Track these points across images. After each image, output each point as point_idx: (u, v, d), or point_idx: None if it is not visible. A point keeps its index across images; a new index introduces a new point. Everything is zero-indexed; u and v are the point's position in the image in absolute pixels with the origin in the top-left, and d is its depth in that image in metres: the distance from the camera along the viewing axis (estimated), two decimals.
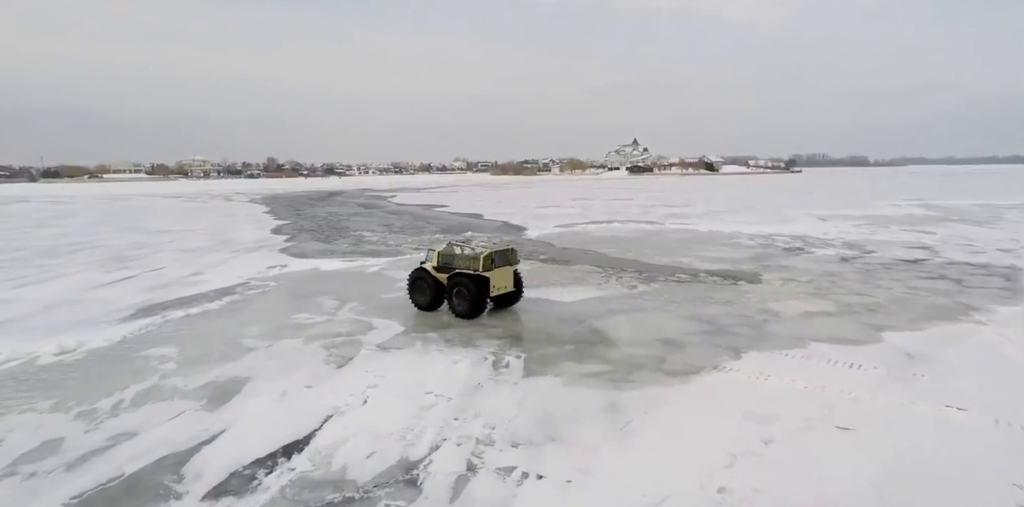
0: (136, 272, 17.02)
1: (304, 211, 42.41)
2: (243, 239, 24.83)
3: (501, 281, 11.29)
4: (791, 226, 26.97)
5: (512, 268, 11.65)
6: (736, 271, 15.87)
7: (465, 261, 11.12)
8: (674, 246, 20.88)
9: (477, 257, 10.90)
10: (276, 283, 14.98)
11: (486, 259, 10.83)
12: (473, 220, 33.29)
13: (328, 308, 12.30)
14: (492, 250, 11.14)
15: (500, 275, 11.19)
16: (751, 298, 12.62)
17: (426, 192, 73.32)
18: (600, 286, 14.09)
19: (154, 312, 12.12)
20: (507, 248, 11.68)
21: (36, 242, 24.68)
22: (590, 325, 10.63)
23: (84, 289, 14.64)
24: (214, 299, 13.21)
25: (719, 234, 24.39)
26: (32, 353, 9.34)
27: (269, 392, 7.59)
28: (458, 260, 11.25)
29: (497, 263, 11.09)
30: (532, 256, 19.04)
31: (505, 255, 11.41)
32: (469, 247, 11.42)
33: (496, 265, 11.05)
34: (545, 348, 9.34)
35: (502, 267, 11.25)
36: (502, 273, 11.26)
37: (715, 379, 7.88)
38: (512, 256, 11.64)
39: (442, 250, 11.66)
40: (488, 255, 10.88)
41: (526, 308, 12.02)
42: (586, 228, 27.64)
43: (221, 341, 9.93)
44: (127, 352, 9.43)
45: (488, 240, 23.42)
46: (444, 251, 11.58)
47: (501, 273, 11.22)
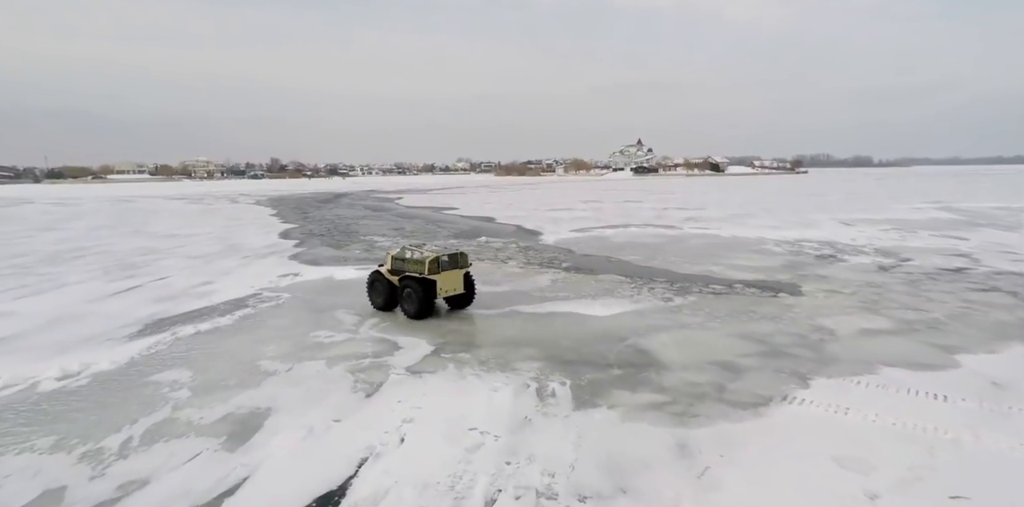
0: (142, 281, 16.29)
1: (311, 214, 41.71)
2: (252, 244, 24.10)
3: (449, 284, 11.74)
4: (816, 231, 26.13)
5: (461, 271, 12.04)
6: (772, 281, 15.06)
7: (413, 265, 11.64)
8: (700, 253, 20.06)
9: (423, 261, 11.41)
10: (290, 294, 14.23)
11: (431, 263, 11.36)
12: (485, 224, 32.51)
13: (348, 324, 11.53)
14: (438, 254, 11.61)
15: (447, 278, 11.66)
16: (798, 313, 11.81)
17: (432, 194, 72.62)
18: (633, 298, 13.30)
19: (163, 328, 11.38)
20: (456, 252, 12.05)
21: (39, 247, 24.00)
22: (633, 344, 9.84)
23: (88, 301, 13.91)
24: (226, 313, 12.46)
25: (744, 240, 23.56)
26: (33, 378, 8.59)
27: (294, 428, 6.82)
28: (407, 263, 11.77)
29: (444, 267, 11.56)
30: (554, 264, 18.26)
31: (453, 259, 11.83)
32: (419, 251, 11.91)
33: (443, 269, 11.53)
34: (590, 372, 8.55)
35: (450, 270, 11.70)
36: (449, 276, 11.70)
37: (788, 413, 7.08)
38: (462, 260, 12.05)
39: (395, 254, 12.19)
40: (434, 259, 11.39)
41: (559, 323, 11.24)
42: (603, 233, 26.84)
43: (236, 363, 9.17)
44: (135, 376, 8.67)
45: (503, 245, 22.66)
46: (396, 255, 12.11)
47: (448, 276, 11.67)
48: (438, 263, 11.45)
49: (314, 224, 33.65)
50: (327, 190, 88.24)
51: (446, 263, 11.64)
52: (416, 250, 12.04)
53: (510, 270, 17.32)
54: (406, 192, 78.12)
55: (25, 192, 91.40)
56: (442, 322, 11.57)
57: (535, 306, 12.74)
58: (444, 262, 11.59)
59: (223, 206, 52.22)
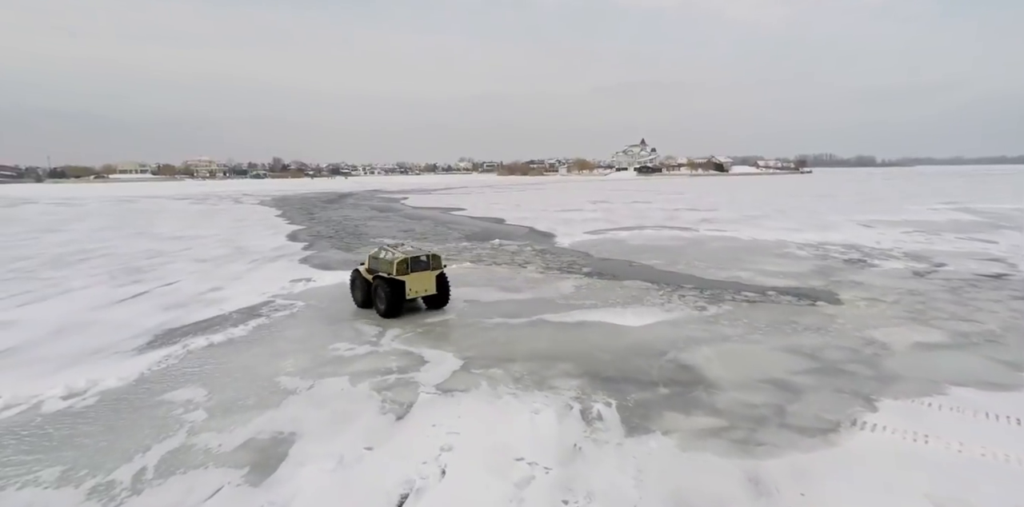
0: (149, 287, 15.72)
1: (317, 215, 41.13)
2: (260, 247, 23.52)
3: (419, 285, 11.96)
4: (836, 234, 25.45)
5: (433, 273, 12.20)
6: (806, 288, 14.42)
7: (384, 265, 11.94)
8: (723, 257, 19.42)
9: (392, 262, 11.67)
10: (303, 302, 13.63)
11: (400, 264, 11.65)
12: (496, 225, 31.90)
13: (368, 335, 10.93)
14: (407, 256, 11.82)
15: (416, 279, 11.88)
16: (843, 324, 11.17)
17: (438, 194, 72.01)
18: (664, 307, 12.68)
19: (173, 339, 10.79)
20: (427, 254, 12.24)
21: (43, 249, 23.45)
22: (675, 359, 9.23)
23: (94, 308, 13.34)
24: (239, 323, 11.87)
25: (764, 243, 22.90)
26: (37, 397, 8.01)
27: (323, 457, 6.22)
28: (380, 263, 12.09)
29: (412, 268, 11.79)
30: (574, 268, 17.64)
31: (423, 260, 12.03)
32: (392, 252, 12.15)
33: (412, 270, 11.79)
34: (635, 391, 7.94)
35: (420, 272, 11.92)
36: (419, 277, 11.92)
37: (862, 441, 6.46)
38: (434, 261, 12.25)
39: (372, 254, 12.57)
40: (402, 260, 11.67)
41: (592, 334, 10.63)
42: (618, 235, 26.21)
43: (254, 380, 8.58)
44: (146, 395, 8.08)
45: (518, 248, 22.05)
46: (373, 255, 12.48)
47: (418, 277, 11.89)
48: (407, 264, 11.71)
49: (321, 225, 33.06)
50: (331, 190, 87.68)
51: (417, 264, 11.88)
52: (390, 251, 12.27)
53: (530, 275, 16.71)
54: (411, 192, 77.53)
55: (28, 192, 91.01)
56: (467, 333, 10.97)
57: (562, 315, 12.13)
58: (414, 263, 11.83)
59: (227, 206, 51.68)
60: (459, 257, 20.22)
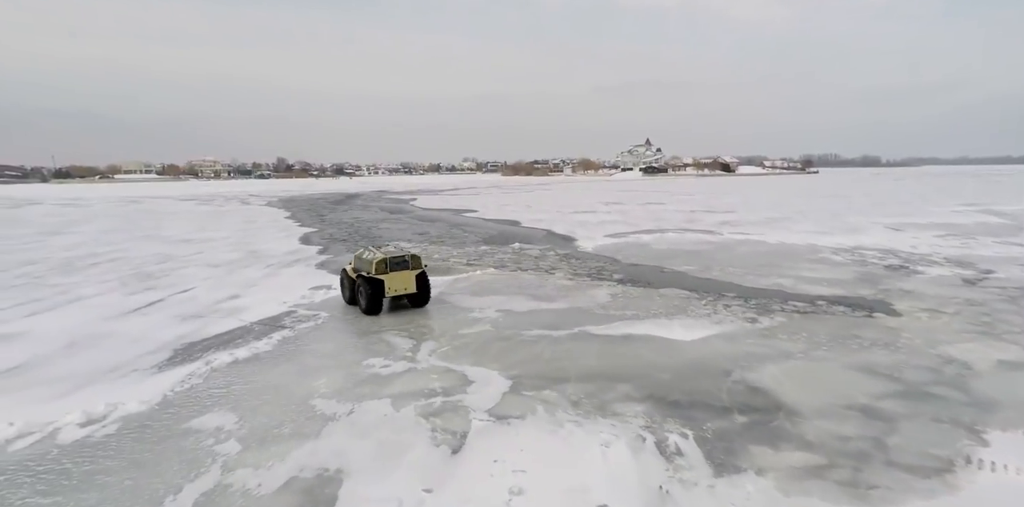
0: (163, 294, 15.03)
1: (327, 216, 40.48)
2: (273, 251, 22.84)
3: (398, 284, 12.39)
4: (866, 237, 24.64)
5: (412, 272, 12.62)
6: (856, 298, 13.66)
7: (366, 265, 12.39)
8: (757, 263, 18.65)
9: (372, 261, 12.19)
10: (327, 312, 12.92)
11: (379, 263, 12.13)
12: (512, 228, 31.17)
13: (402, 349, 10.21)
14: (387, 256, 12.34)
15: (396, 278, 12.32)
16: (910, 338, 10.40)
17: (446, 194, 71.36)
18: (712, 318, 11.93)
19: (194, 354, 10.09)
20: (407, 254, 12.74)
21: (50, 253, 22.81)
22: (742, 380, 8.48)
23: (107, 318, 12.66)
24: (262, 336, 11.16)
25: (795, 247, 22.12)
26: (52, 423, 7.31)
27: (379, 502, 5.50)
28: (363, 263, 12.55)
29: (391, 268, 12.25)
30: (604, 275, 16.89)
31: (403, 260, 12.51)
32: (374, 252, 12.69)
33: (391, 269, 12.25)
34: (709, 418, 7.19)
35: (399, 271, 12.36)
36: (399, 276, 12.36)
37: (987, 484, 5.71)
38: (414, 261, 12.71)
39: (357, 253, 13.08)
40: (381, 260, 12.17)
41: (643, 350, 9.89)
42: (641, 239, 25.45)
43: (287, 403, 7.86)
44: (172, 421, 7.37)
45: (540, 252, 21.32)
46: (358, 254, 13.00)
47: (397, 276, 12.34)
48: (386, 264, 12.19)
49: (333, 227, 32.39)
50: (337, 190, 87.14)
51: (396, 264, 12.34)
52: (372, 251, 12.82)
53: (559, 282, 15.97)
54: (418, 193, 76.91)
55: (33, 192, 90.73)
56: (508, 347, 10.24)
57: (605, 327, 11.40)
58: (393, 263, 12.30)
59: (235, 207, 51.10)
60: (481, 262, 19.50)
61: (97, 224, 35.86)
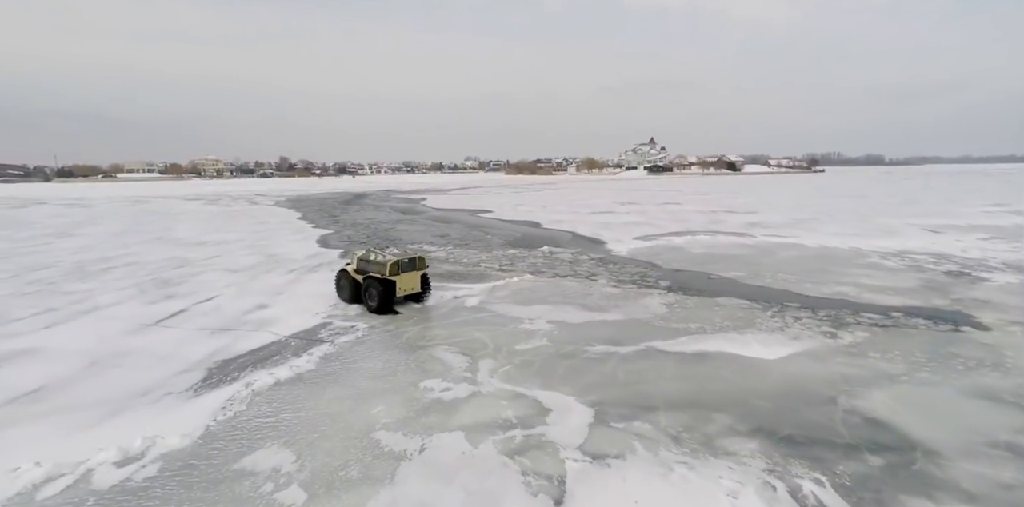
0: (185, 303, 14.12)
1: (340, 217, 39.56)
2: (293, 254, 21.93)
3: (407, 284, 12.86)
4: (908, 240, 23.68)
5: (418, 273, 13.18)
6: (931, 309, 12.72)
7: (376, 267, 12.62)
8: (806, 269, 17.71)
9: (385, 264, 12.44)
10: (366, 324, 12.00)
11: (392, 266, 12.40)
12: (534, 229, 30.23)
13: (459, 368, 9.29)
14: (399, 258, 12.67)
15: (406, 279, 12.76)
16: (1015, 357, 9.47)
17: (455, 194, 70.41)
18: (786, 333, 10.99)
19: (231, 374, 9.17)
20: (414, 256, 13.16)
21: (61, 256, 21.91)
22: (853, 409, 7.55)
23: (129, 331, 11.75)
24: (300, 352, 10.25)
25: (838, 251, 21.17)
26: (84, 463, 6.39)
27: None
28: (371, 265, 12.75)
29: (403, 269, 12.66)
30: (649, 282, 15.96)
31: (412, 262, 12.97)
32: (382, 255, 12.95)
33: (403, 271, 12.64)
34: (838, 459, 6.27)
35: (408, 272, 12.82)
36: (408, 277, 12.83)
37: None
38: (420, 263, 13.21)
39: (360, 256, 13.22)
40: (395, 262, 12.47)
41: (726, 372, 8.96)
42: (672, 241, 24.50)
43: (347, 437, 6.94)
44: (220, 460, 6.45)
45: (573, 256, 20.39)
46: (361, 256, 13.15)
47: (407, 277, 12.80)
48: (399, 266, 12.52)
49: (349, 229, 31.48)
50: (343, 190, 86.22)
51: (406, 265, 12.72)
52: (379, 253, 13.08)
53: (605, 290, 15.04)
54: (425, 192, 75.99)
55: (36, 192, 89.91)
56: (576, 366, 9.32)
57: (673, 342, 10.47)
58: (404, 265, 12.67)
59: (243, 207, 50.19)
60: (514, 267, 18.57)
61: (105, 225, 34.97)
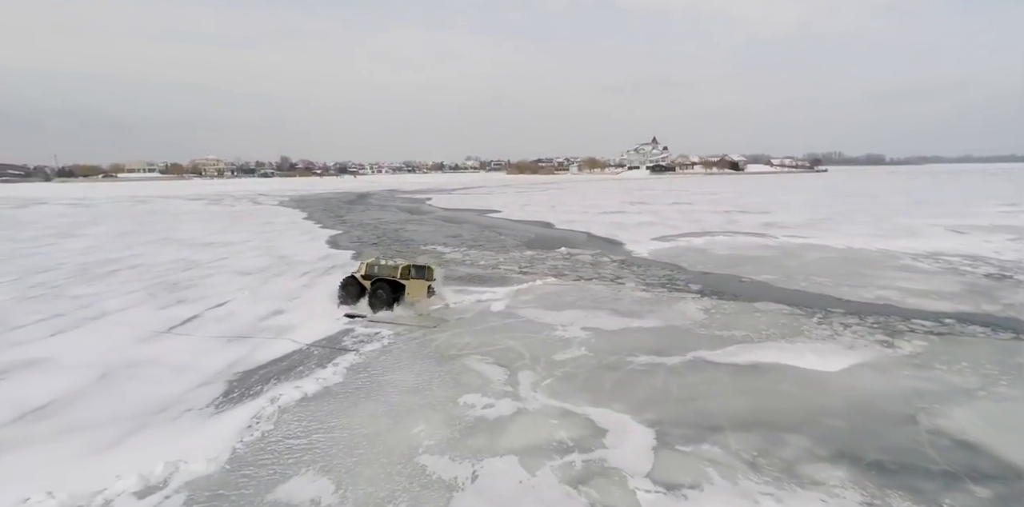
0: (197, 309, 13.50)
1: (346, 217, 38.94)
2: (304, 255, 21.30)
3: (415, 291, 12.80)
4: (935, 241, 23.04)
5: (426, 283, 13.17)
6: (984, 315, 12.11)
7: (386, 270, 12.74)
8: (839, 271, 17.08)
9: (396, 267, 12.67)
10: (391, 330, 11.38)
11: (404, 269, 12.66)
12: (547, 230, 29.62)
13: (498, 381, 8.66)
14: (410, 263, 12.87)
15: (414, 285, 12.77)
16: None
17: (459, 194, 69.85)
18: (838, 341, 10.36)
19: (253, 388, 8.54)
20: (423, 265, 13.20)
21: (64, 258, 21.28)
22: (938, 430, 6.91)
23: (141, 339, 11.11)
24: (325, 362, 9.62)
25: (867, 253, 20.54)
26: (101, 493, 5.76)
27: None
28: (380, 269, 12.84)
29: (413, 275, 12.75)
30: (678, 285, 15.33)
31: (421, 270, 13.05)
32: (392, 260, 13.04)
33: (412, 277, 12.71)
34: (939, 489, 5.65)
35: (417, 279, 12.84)
36: (416, 284, 12.83)
37: None
38: (428, 273, 13.24)
39: (369, 261, 13.20)
40: (406, 266, 12.71)
41: (785, 386, 8.33)
42: (691, 242, 23.87)
43: (389, 462, 6.31)
44: (252, 489, 5.82)
45: (593, 258, 19.76)
46: (370, 263, 13.13)
47: (415, 284, 12.81)
48: (409, 270, 12.68)
49: (358, 230, 30.85)
50: (346, 190, 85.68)
51: (416, 273, 12.80)
52: (389, 260, 13.18)
53: (635, 294, 14.42)
54: (429, 192, 75.46)
55: (37, 192, 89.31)
56: (623, 379, 8.68)
57: (721, 352, 9.84)
58: (414, 271, 12.77)
59: (246, 207, 49.61)
60: (534, 270, 17.95)
61: (108, 226, 34.35)
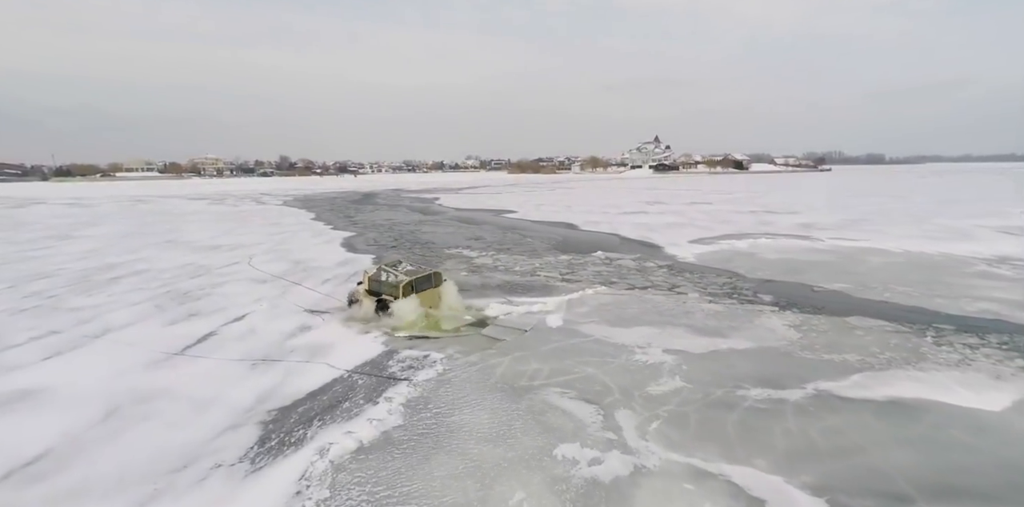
0: (212, 324, 11.90)
1: (356, 218, 37.30)
2: (321, 260, 19.69)
3: (425, 302, 11.90)
4: (994, 245, 21.55)
5: (436, 290, 12.26)
6: None
7: (388, 288, 11.72)
8: (917, 280, 15.53)
9: (397, 285, 11.54)
10: (441, 352, 9.80)
11: (405, 287, 11.53)
12: (572, 232, 28.02)
13: (593, 424, 7.07)
14: (412, 278, 11.70)
15: (424, 297, 11.85)
16: None
17: (466, 193, 68.19)
18: (976, 368, 8.81)
19: (294, 432, 6.95)
20: (429, 273, 12.24)
21: (62, 263, 19.65)
22: None
23: (151, 364, 9.51)
24: (373, 395, 8.03)
25: (931, 257, 18.99)
26: None
27: None
28: (384, 286, 11.82)
29: (418, 289, 11.79)
30: (745, 296, 13.76)
31: (428, 279, 12.10)
32: (393, 274, 11.87)
33: (417, 291, 11.75)
34: None
35: (424, 291, 11.90)
36: (423, 296, 11.87)
37: None
38: (436, 279, 12.32)
39: (371, 275, 12.16)
40: (408, 284, 11.56)
41: (948, 429, 6.75)
42: (733, 245, 22.30)
43: None
44: None
45: (636, 263, 18.18)
46: (373, 277, 12.10)
47: (425, 296, 11.89)
48: (412, 286, 11.66)
49: (372, 231, 29.22)
50: (349, 189, 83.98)
51: (421, 284, 11.86)
52: (391, 272, 11.96)
53: (703, 306, 12.85)
54: (435, 191, 73.79)
55: (34, 191, 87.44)
56: (744, 421, 7.12)
57: (846, 384, 8.27)
58: (419, 284, 11.80)
59: (250, 207, 47.92)
60: (576, 276, 16.37)
61: (108, 226, 32.68)
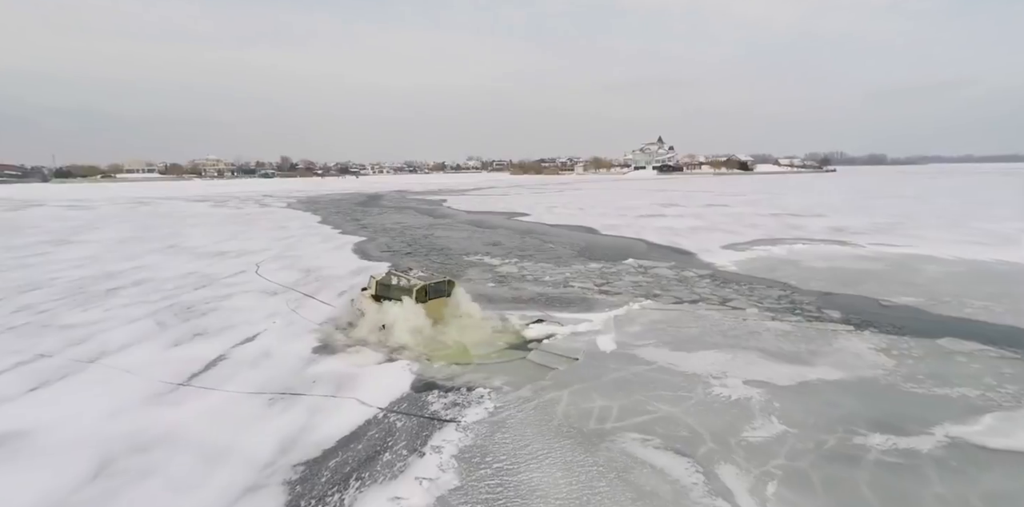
0: (221, 345, 10.60)
1: (365, 221, 36.01)
2: (334, 268, 18.39)
3: (435, 313, 11.30)
4: None
5: (448, 299, 11.56)
6: None
7: (399, 292, 11.07)
8: (994, 293, 14.20)
9: (411, 289, 10.87)
10: (486, 385, 8.48)
11: (419, 292, 10.86)
12: (593, 236, 26.72)
13: (695, 486, 5.76)
14: (426, 283, 11.04)
15: (434, 306, 11.20)
16: None
17: (473, 195, 66.94)
18: None
19: (326, 499, 5.68)
20: (442, 280, 11.54)
21: (58, 271, 18.36)
22: None
23: (153, 397, 8.20)
24: (418, 442, 6.71)
25: (991, 266, 17.69)
26: None
27: None
28: (393, 290, 11.23)
29: (431, 295, 11.13)
30: (808, 311, 12.45)
31: (440, 287, 11.38)
32: (405, 278, 11.26)
33: (430, 297, 11.11)
34: None
35: (436, 298, 11.23)
36: (436, 304, 11.21)
37: None
38: (447, 287, 11.62)
39: (380, 279, 11.60)
40: (422, 288, 10.91)
41: None
42: (771, 251, 20.99)
43: None
44: None
45: (674, 272, 16.87)
46: (382, 281, 11.55)
47: (435, 304, 11.20)
48: (426, 292, 11.05)
49: (383, 236, 27.92)
50: (352, 191, 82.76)
51: (434, 291, 11.26)
52: (403, 276, 11.36)
53: (768, 324, 11.53)
54: (440, 193, 72.55)
55: (34, 193, 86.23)
56: (874, 479, 5.80)
57: (982, 430, 6.95)
58: (432, 290, 11.20)
59: (254, 210, 46.68)
60: (614, 288, 15.07)
61: (108, 231, 31.40)
